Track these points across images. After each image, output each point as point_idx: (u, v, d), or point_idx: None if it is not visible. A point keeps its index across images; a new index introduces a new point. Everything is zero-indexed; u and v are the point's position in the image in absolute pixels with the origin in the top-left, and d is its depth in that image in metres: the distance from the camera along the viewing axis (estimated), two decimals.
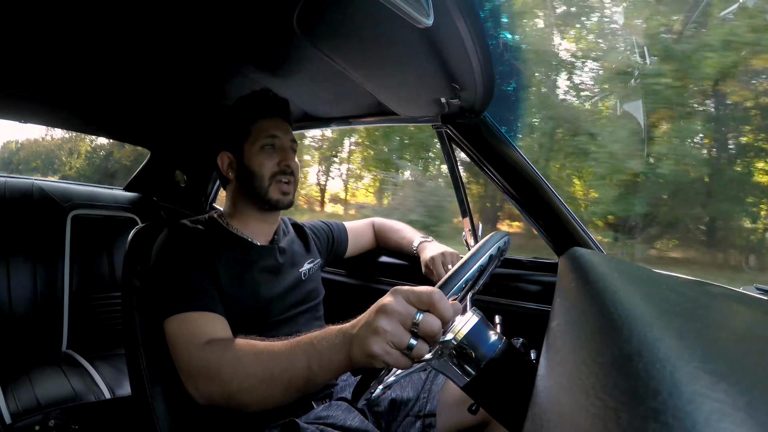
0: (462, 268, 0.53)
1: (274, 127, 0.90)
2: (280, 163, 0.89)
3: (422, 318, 0.47)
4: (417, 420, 0.85)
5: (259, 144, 0.89)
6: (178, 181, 1.82)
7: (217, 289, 0.79)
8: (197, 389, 0.66)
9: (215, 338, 0.70)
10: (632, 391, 0.18)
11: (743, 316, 0.43)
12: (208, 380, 0.64)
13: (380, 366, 0.48)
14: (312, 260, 1.01)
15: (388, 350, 0.47)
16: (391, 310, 0.47)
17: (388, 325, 0.47)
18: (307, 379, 0.56)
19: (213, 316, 0.74)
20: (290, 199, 0.91)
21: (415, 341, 0.47)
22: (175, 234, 0.83)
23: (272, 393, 0.58)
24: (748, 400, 0.16)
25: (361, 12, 0.66)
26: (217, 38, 0.92)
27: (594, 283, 0.43)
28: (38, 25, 0.89)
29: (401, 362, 0.47)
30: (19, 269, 1.45)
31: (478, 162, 1.06)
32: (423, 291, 0.48)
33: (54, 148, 8.59)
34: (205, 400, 0.65)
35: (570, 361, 0.29)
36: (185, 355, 0.69)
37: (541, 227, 1.03)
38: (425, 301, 0.47)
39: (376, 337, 0.47)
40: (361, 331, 0.49)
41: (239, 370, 0.61)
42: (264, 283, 0.87)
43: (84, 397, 1.20)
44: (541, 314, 1.03)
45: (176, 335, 0.71)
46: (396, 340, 0.46)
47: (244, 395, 0.60)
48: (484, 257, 0.57)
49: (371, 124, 1.25)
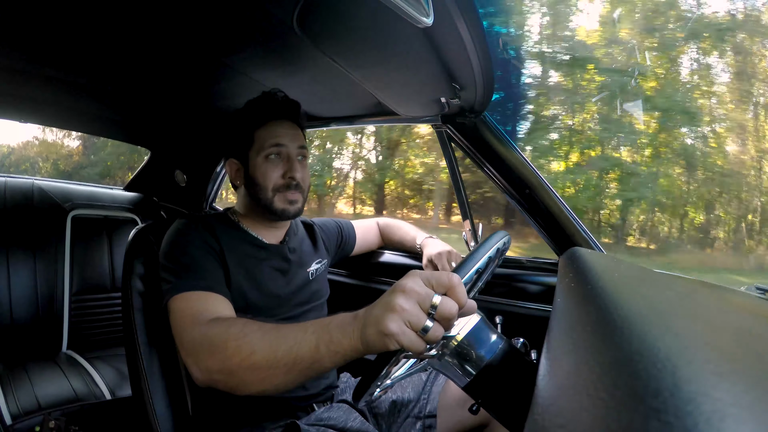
0: (474, 255, 0.55)
1: (281, 134, 0.86)
2: (285, 174, 0.86)
3: (441, 300, 0.46)
4: (417, 421, 0.85)
5: (264, 153, 0.85)
6: (178, 181, 1.82)
7: (224, 278, 0.79)
8: (197, 363, 0.63)
9: (221, 316, 0.69)
10: (633, 390, 0.18)
11: (743, 316, 0.43)
12: (210, 354, 0.61)
13: (394, 347, 0.46)
14: (320, 260, 1.00)
15: (404, 330, 0.46)
16: (410, 290, 0.46)
17: (406, 303, 0.46)
18: (312, 360, 0.53)
19: (220, 297, 0.73)
20: (297, 208, 0.88)
21: (431, 323, 0.46)
22: (187, 222, 0.83)
23: (275, 373, 0.56)
24: (748, 399, 0.16)
25: (361, 12, 0.66)
26: (216, 38, 0.92)
27: (594, 283, 0.43)
28: (38, 25, 0.89)
29: (415, 344, 0.46)
30: (19, 269, 1.45)
31: (478, 162, 1.06)
32: (442, 274, 0.48)
33: (33, 155, 9.11)
34: (204, 376, 0.62)
35: (570, 361, 0.29)
36: (189, 330, 0.67)
37: (541, 227, 1.03)
38: (444, 284, 0.47)
39: (393, 315, 0.46)
40: (377, 310, 0.48)
41: (243, 345, 0.58)
42: (272, 281, 0.87)
43: (84, 398, 1.20)
44: (542, 314, 1.03)
45: (181, 311, 0.70)
46: (413, 320, 0.46)
47: (245, 373, 0.58)
48: (492, 250, 0.59)
49: (371, 123, 1.26)
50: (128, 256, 0.87)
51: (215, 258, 0.79)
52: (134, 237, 0.89)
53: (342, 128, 4.16)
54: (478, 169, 1.08)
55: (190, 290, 0.72)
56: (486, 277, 0.72)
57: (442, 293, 0.47)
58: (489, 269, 0.70)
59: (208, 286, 0.73)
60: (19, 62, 1.08)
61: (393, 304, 0.46)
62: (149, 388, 0.79)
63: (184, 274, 0.74)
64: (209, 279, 0.75)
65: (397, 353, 0.47)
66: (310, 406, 0.86)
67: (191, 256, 0.77)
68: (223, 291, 0.75)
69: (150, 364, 0.81)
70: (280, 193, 0.86)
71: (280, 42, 0.88)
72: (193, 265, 0.75)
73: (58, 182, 1.74)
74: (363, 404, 0.53)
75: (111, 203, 1.72)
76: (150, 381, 0.80)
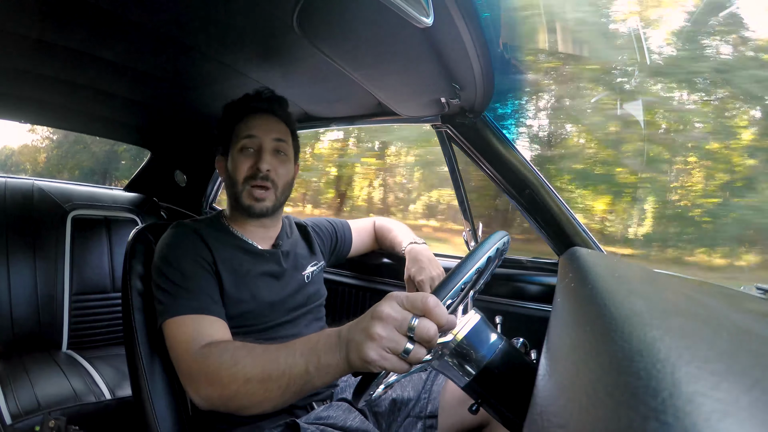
0: (456, 274, 0.53)
1: (255, 125, 0.86)
2: (251, 166, 0.85)
3: (418, 323, 0.47)
4: (418, 421, 0.85)
5: (239, 145, 0.86)
6: (178, 181, 1.82)
7: (218, 290, 0.79)
8: (198, 393, 0.66)
9: (213, 341, 0.70)
10: (632, 391, 0.18)
11: (743, 316, 0.43)
12: (208, 384, 0.64)
13: (377, 371, 0.48)
14: (315, 263, 0.99)
15: (384, 355, 0.47)
16: (386, 316, 0.47)
17: (383, 330, 0.47)
18: (304, 382, 0.55)
19: (212, 318, 0.74)
20: (264, 206, 0.86)
21: (412, 345, 0.47)
22: (178, 233, 0.83)
23: (270, 395, 0.58)
24: (748, 399, 0.16)
25: (361, 12, 0.66)
26: (217, 38, 0.92)
27: (594, 283, 0.43)
28: (38, 25, 0.89)
29: (398, 366, 0.47)
30: (19, 269, 1.45)
31: (478, 162, 1.06)
32: (417, 297, 0.48)
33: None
34: (206, 404, 0.65)
35: (570, 361, 0.29)
36: (185, 359, 0.69)
37: (541, 227, 1.03)
38: (419, 306, 0.47)
39: (371, 343, 0.47)
40: (357, 336, 0.49)
41: (237, 373, 0.61)
42: (265, 287, 0.86)
43: (84, 398, 1.20)
44: (542, 314, 1.03)
45: (175, 338, 0.71)
46: (392, 346, 0.47)
47: (242, 398, 0.61)
48: (482, 260, 0.57)
49: (371, 123, 1.25)
50: (128, 256, 0.87)
51: (208, 271, 0.79)
52: (134, 237, 0.89)
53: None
54: (479, 169, 1.08)
55: (182, 314, 0.72)
56: (486, 278, 0.72)
57: (420, 315, 0.47)
58: (489, 269, 0.70)
59: (201, 308, 0.73)
60: (19, 62, 1.08)
61: (370, 332, 0.47)
62: (149, 387, 0.79)
63: (177, 294, 0.74)
64: (202, 298, 0.75)
65: (381, 374, 0.49)
66: (310, 405, 0.86)
67: (183, 272, 0.76)
68: (216, 310, 0.75)
69: (150, 363, 0.81)
70: (248, 188, 0.85)
71: (280, 42, 0.88)
72: (185, 283, 0.75)
73: (58, 182, 1.74)
74: (363, 404, 0.53)
75: (111, 203, 1.72)
76: (150, 381, 0.79)
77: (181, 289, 0.75)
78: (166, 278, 0.76)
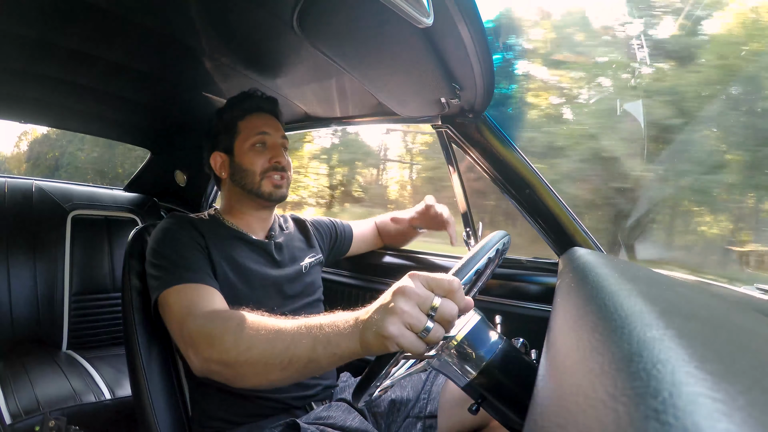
0: (473, 258, 0.54)
1: (264, 124, 0.92)
2: (270, 160, 0.91)
3: (441, 303, 0.46)
4: (418, 421, 0.85)
5: (250, 142, 0.91)
6: (178, 181, 1.82)
7: (212, 272, 0.80)
8: (196, 354, 0.64)
9: (217, 309, 0.69)
10: (632, 391, 0.18)
11: (743, 316, 0.43)
12: (209, 345, 0.62)
13: (394, 349, 0.46)
14: (313, 255, 1.01)
15: (404, 332, 0.45)
16: (410, 292, 0.46)
17: (406, 305, 0.46)
18: (308, 360, 0.54)
19: (212, 289, 0.74)
20: (283, 193, 0.93)
21: (432, 324, 0.46)
22: (172, 221, 0.85)
23: (271, 370, 0.57)
24: (748, 400, 0.16)
25: (361, 12, 0.66)
26: (217, 38, 0.92)
27: (594, 283, 0.43)
28: (38, 25, 0.89)
29: (415, 345, 0.46)
30: (19, 269, 1.45)
31: (478, 162, 1.06)
32: (443, 277, 0.48)
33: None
34: (203, 366, 0.63)
35: (570, 361, 0.29)
36: (186, 322, 0.67)
37: (541, 227, 1.03)
38: (445, 287, 0.47)
39: (393, 317, 0.46)
40: (377, 313, 0.48)
41: (241, 340, 0.59)
42: (259, 272, 0.88)
43: (84, 398, 1.20)
44: (542, 314, 1.03)
45: (176, 304, 0.71)
46: (413, 322, 0.45)
47: (242, 367, 0.59)
48: (492, 251, 0.58)
49: (371, 123, 1.25)
50: (128, 255, 0.88)
51: (202, 253, 0.81)
52: (134, 237, 0.89)
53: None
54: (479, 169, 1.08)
55: (182, 283, 0.73)
56: (486, 278, 0.72)
57: (442, 296, 0.47)
58: (489, 269, 0.70)
59: (199, 279, 0.74)
60: (19, 62, 1.08)
61: (393, 306, 0.46)
62: (149, 387, 0.79)
63: (174, 268, 0.75)
64: (199, 272, 0.76)
65: (396, 355, 0.47)
66: (309, 405, 0.86)
67: (179, 252, 0.78)
68: (214, 284, 0.76)
69: (149, 363, 0.81)
70: (268, 177, 0.90)
71: (280, 42, 0.88)
72: (182, 261, 0.76)
73: (58, 182, 1.74)
74: (362, 404, 0.52)
75: (111, 203, 1.72)
76: (149, 381, 0.80)
77: (178, 263, 0.76)
78: (162, 256, 0.77)
